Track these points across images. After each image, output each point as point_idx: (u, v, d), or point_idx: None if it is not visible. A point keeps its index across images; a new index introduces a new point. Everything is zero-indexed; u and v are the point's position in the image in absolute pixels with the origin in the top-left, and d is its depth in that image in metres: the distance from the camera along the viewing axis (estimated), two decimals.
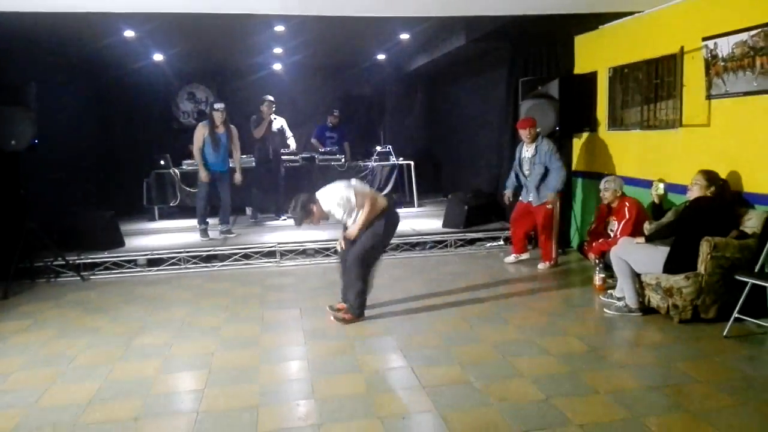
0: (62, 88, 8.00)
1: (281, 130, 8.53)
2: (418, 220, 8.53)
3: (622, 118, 6.39)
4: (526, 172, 6.32)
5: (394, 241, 7.19)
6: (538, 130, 6.26)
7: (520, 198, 6.54)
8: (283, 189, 8.45)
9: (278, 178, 8.48)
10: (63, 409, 3.38)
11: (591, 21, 6.40)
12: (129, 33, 6.93)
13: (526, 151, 6.33)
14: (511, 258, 6.66)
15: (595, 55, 6.71)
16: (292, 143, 8.78)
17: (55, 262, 6.37)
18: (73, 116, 8.36)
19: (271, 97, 8.34)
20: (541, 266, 6.38)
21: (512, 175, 6.58)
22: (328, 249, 7.03)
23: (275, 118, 8.43)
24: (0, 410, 3.40)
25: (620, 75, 6.35)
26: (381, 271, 6.39)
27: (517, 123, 6.38)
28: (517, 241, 6.64)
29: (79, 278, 6.34)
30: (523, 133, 6.23)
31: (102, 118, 9.70)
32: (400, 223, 5.09)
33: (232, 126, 7.41)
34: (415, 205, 9.75)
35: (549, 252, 6.38)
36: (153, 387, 3.66)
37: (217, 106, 7.26)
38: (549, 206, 6.21)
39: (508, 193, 6.66)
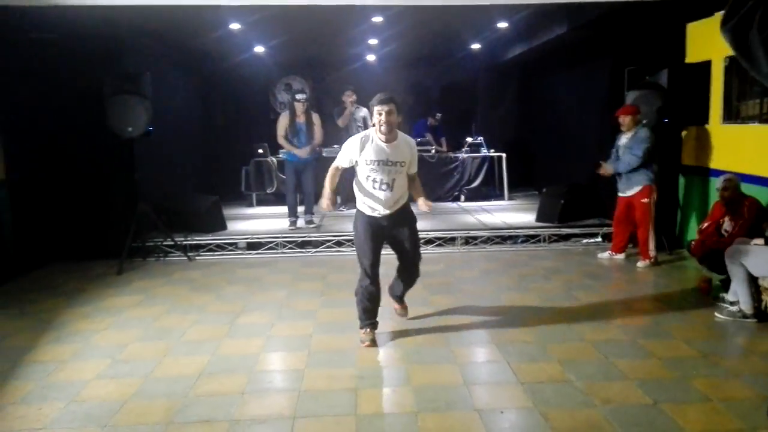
0: (172, 78, 8.46)
1: (365, 120, 8.61)
2: (509, 213, 8.39)
3: (738, 111, 5.97)
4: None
5: (483, 233, 7.14)
6: (638, 118, 6.01)
7: (618, 193, 6.26)
8: None
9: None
10: (175, 380, 3.61)
11: (705, 6, 6.01)
12: (235, 25, 7.23)
13: (625, 139, 6.08)
14: (605, 255, 6.43)
15: (709, 43, 6.28)
16: None
17: (165, 243, 6.78)
18: (181, 105, 8.83)
19: (352, 87, 8.44)
20: (641, 264, 6.11)
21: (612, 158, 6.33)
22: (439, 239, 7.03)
23: (357, 108, 8.52)
24: (120, 378, 3.67)
25: (738, 64, 5.90)
26: (471, 264, 6.41)
27: (620, 109, 6.12)
28: (618, 239, 6.38)
29: (185, 258, 6.72)
30: (624, 120, 5.99)
31: (206, 108, 10.20)
32: (490, 215, 4.84)
33: (314, 114, 7.46)
34: (506, 198, 9.59)
35: (647, 249, 6.09)
36: (257, 364, 3.83)
37: (298, 96, 7.33)
38: (645, 200, 5.94)
39: (606, 165, 6.31)
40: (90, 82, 6.24)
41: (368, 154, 3.95)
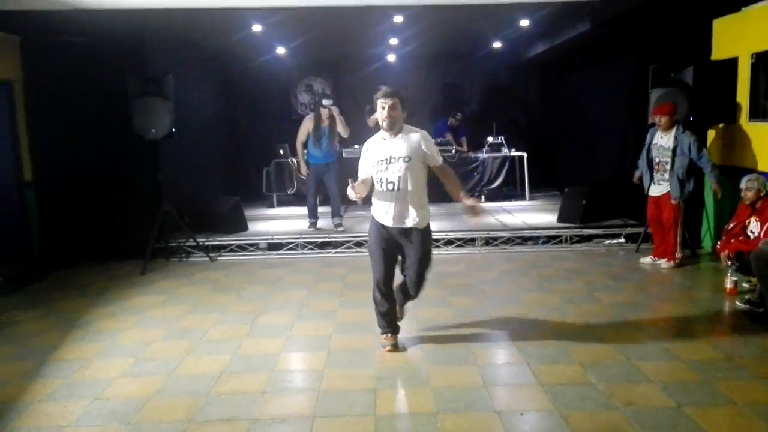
0: (195, 80, 8.55)
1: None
2: (530, 214, 8.32)
3: (765, 109, 5.85)
4: (662, 162, 5.90)
5: (503, 234, 7.10)
6: (676, 117, 5.87)
7: (650, 192, 6.13)
8: None
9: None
10: (197, 379, 3.65)
11: (732, 2, 5.90)
12: (256, 27, 7.29)
13: (661, 139, 5.93)
14: (648, 260, 6.23)
15: (736, 39, 6.16)
16: None
17: (187, 243, 6.87)
18: (204, 107, 8.92)
19: (385, 87, 8.40)
20: (666, 265, 6.01)
21: (641, 164, 6.19)
22: (437, 240, 7.00)
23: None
24: (144, 376, 3.73)
25: (765, 61, 5.80)
26: (491, 265, 6.37)
27: (656, 107, 5.99)
28: (660, 243, 6.16)
29: (207, 259, 6.79)
30: (662, 120, 5.83)
31: (228, 110, 10.29)
32: (511, 216, 4.67)
33: (337, 112, 7.22)
34: (527, 199, 9.51)
35: (674, 250, 5.98)
36: (278, 364, 3.86)
37: (325, 102, 7.20)
38: (674, 202, 5.85)
39: (638, 173, 6.23)
40: (115, 85, 6.33)
41: (374, 154, 3.85)
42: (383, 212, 3.86)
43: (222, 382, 3.60)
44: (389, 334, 4.06)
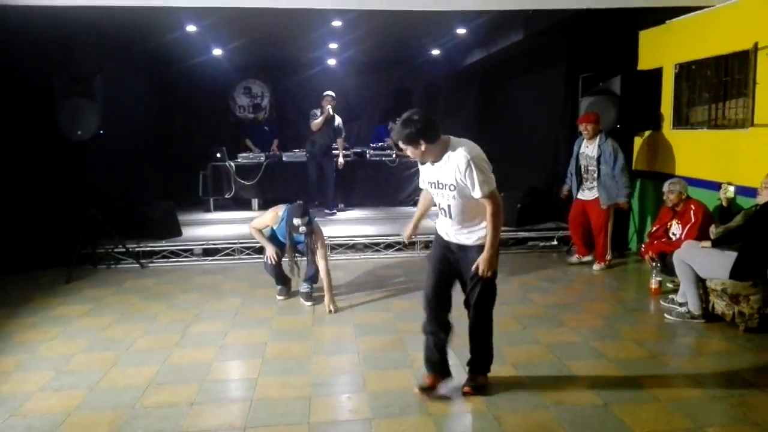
0: (125, 80, 8.25)
1: (338, 129, 8.54)
2: None
3: (688, 117, 6.15)
4: (590, 169, 6.14)
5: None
6: (600, 126, 6.10)
7: (577, 196, 6.36)
8: (333, 183, 8.46)
9: (328, 172, 8.48)
10: (122, 392, 3.49)
11: (657, 15, 6.18)
12: (190, 27, 7.09)
13: (587, 148, 6.16)
14: (574, 259, 6.49)
15: (661, 50, 6.46)
16: (339, 142, 8.68)
17: (116, 250, 6.59)
18: (136, 108, 8.61)
19: (332, 93, 8.37)
20: (596, 267, 6.22)
21: (569, 178, 6.43)
22: (377, 244, 7.04)
23: (333, 115, 8.46)
24: (64, 390, 3.54)
25: (687, 72, 6.10)
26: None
27: (579, 117, 6.22)
28: (580, 242, 6.45)
29: (138, 265, 6.54)
30: (586, 128, 6.06)
31: (162, 111, 9.96)
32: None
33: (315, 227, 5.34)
34: None
35: (603, 253, 6.21)
36: (209, 374, 3.74)
37: (300, 227, 4.99)
38: (604, 207, 6.06)
39: (566, 187, 6.49)
40: (39, 84, 6.03)
41: (424, 173, 3.38)
42: (440, 227, 3.44)
43: (149, 394, 3.46)
44: (428, 373, 3.47)
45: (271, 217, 5.19)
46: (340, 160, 8.53)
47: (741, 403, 3.23)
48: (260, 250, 6.82)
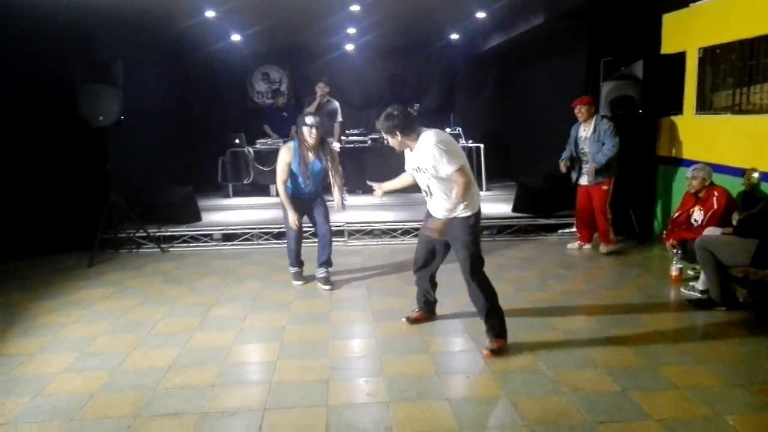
0: (146, 66, 8.31)
1: (333, 112, 8.50)
2: (487, 204, 8.35)
3: (711, 102, 6.04)
4: (587, 150, 6.15)
5: None
6: (594, 108, 6.16)
7: (579, 182, 6.34)
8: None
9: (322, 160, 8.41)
10: (144, 374, 3.55)
11: None
12: (209, 13, 7.11)
13: (584, 131, 6.18)
14: (575, 245, 6.50)
15: (684, 34, 6.33)
16: (335, 130, 8.66)
17: (137, 234, 6.69)
18: (155, 94, 8.68)
19: (325, 79, 8.36)
20: (603, 248, 6.29)
21: (567, 152, 6.42)
22: (395, 230, 7.05)
23: (329, 101, 8.44)
24: (88, 371, 3.61)
25: (711, 56, 5.98)
26: (448, 255, 6.35)
27: (576, 100, 6.20)
28: (584, 229, 6.48)
29: (158, 250, 6.63)
30: (580, 110, 6.09)
31: (181, 97, 10.03)
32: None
33: (333, 143, 5.60)
34: (484, 189, 9.58)
35: (607, 232, 6.25)
36: (228, 356, 3.79)
37: (309, 120, 5.01)
38: (605, 187, 6.08)
39: (564, 161, 6.45)
40: (60, 71, 6.10)
41: (407, 160, 3.95)
42: (428, 206, 3.99)
43: (170, 376, 3.52)
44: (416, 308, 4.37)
45: (284, 152, 5.03)
46: (335, 143, 8.39)
47: (761, 391, 3.20)
48: (278, 236, 6.89)
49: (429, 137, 3.63)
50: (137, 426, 2.97)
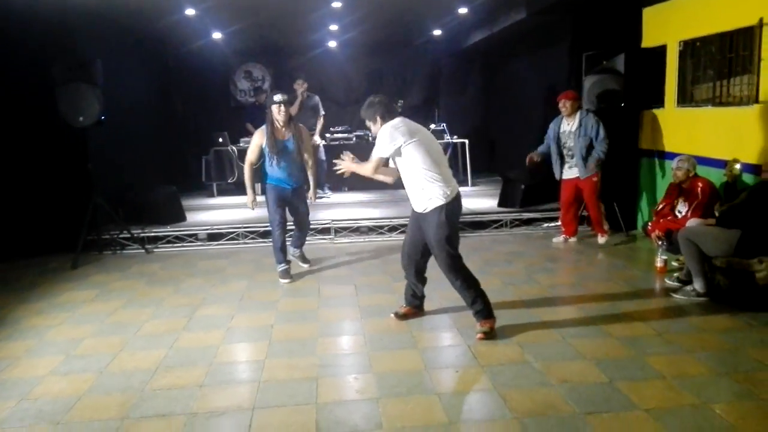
0: (127, 65, 8.22)
1: (315, 108, 8.49)
2: (473, 199, 8.42)
3: (692, 94, 6.10)
4: (570, 145, 6.20)
5: None
6: (578, 103, 6.23)
7: (564, 176, 6.39)
8: (320, 165, 8.36)
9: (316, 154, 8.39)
10: (131, 375, 3.52)
11: None
12: (189, 11, 7.05)
13: (567, 125, 6.22)
14: (560, 239, 6.55)
15: (665, 27, 6.39)
16: (319, 124, 8.65)
17: (121, 235, 6.62)
18: (137, 93, 8.59)
19: (303, 76, 8.36)
20: (601, 240, 6.38)
21: (545, 146, 6.46)
22: (381, 227, 7.05)
23: (309, 96, 8.43)
24: (74, 374, 3.57)
25: (692, 49, 6.04)
26: None
27: (561, 94, 6.24)
28: (567, 223, 6.54)
29: (143, 251, 6.57)
30: (565, 105, 6.13)
31: (163, 96, 9.95)
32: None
33: (302, 127, 5.52)
34: (470, 185, 9.63)
35: (601, 223, 6.36)
36: (216, 356, 3.76)
37: (277, 98, 5.17)
38: (595, 179, 6.16)
39: (535, 155, 6.48)
40: (39, 70, 6.01)
41: None
42: None
43: (157, 377, 3.49)
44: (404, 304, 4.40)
45: (257, 135, 5.25)
46: (316, 138, 8.37)
47: (746, 379, 3.25)
48: (264, 235, 6.86)
49: (389, 122, 3.88)
50: (125, 428, 2.94)
